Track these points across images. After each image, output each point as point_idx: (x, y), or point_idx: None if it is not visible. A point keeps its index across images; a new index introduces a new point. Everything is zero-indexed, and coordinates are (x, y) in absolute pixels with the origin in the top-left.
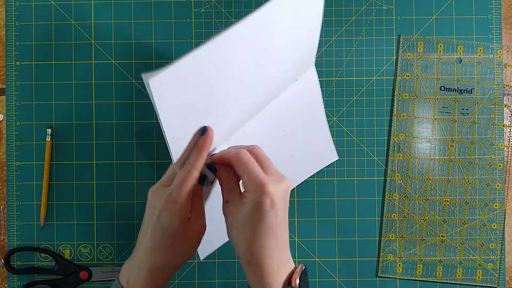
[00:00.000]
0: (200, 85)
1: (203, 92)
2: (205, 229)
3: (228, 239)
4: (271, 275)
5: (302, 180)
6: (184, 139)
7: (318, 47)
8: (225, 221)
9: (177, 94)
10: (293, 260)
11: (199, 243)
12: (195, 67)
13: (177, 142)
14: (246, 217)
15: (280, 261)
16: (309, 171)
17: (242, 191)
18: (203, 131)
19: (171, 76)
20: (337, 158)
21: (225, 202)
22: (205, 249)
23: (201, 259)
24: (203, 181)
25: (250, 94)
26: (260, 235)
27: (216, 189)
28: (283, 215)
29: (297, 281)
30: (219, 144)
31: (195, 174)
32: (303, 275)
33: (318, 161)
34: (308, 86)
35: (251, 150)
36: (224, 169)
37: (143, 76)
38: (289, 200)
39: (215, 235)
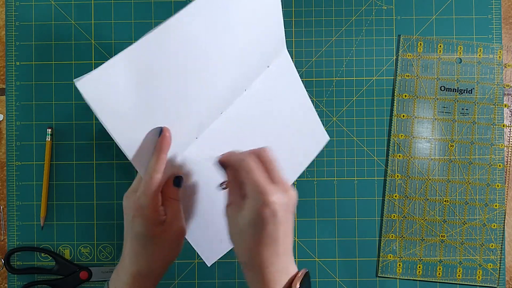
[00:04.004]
0: (141, 82)
1: (147, 89)
2: (184, 231)
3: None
4: (272, 281)
5: (303, 170)
6: (136, 138)
7: (318, 47)
8: (227, 224)
9: (114, 93)
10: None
11: (180, 246)
12: (130, 64)
13: (127, 141)
14: (246, 223)
15: (281, 267)
16: (306, 158)
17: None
18: (160, 133)
19: (101, 76)
20: (328, 138)
21: (227, 205)
22: (211, 256)
23: (208, 265)
24: (178, 183)
25: (209, 87)
26: (259, 243)
27: (220, 196)
28: (285, 225)
29: (297, 285)
30: (187, 144)
31: (157, 177)
32: (305, 279)
33: (312, 146)
34: (283, 71)
35: (260, 154)
36: (230, 171)
37: (74, 80)
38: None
39: (221, 241)
